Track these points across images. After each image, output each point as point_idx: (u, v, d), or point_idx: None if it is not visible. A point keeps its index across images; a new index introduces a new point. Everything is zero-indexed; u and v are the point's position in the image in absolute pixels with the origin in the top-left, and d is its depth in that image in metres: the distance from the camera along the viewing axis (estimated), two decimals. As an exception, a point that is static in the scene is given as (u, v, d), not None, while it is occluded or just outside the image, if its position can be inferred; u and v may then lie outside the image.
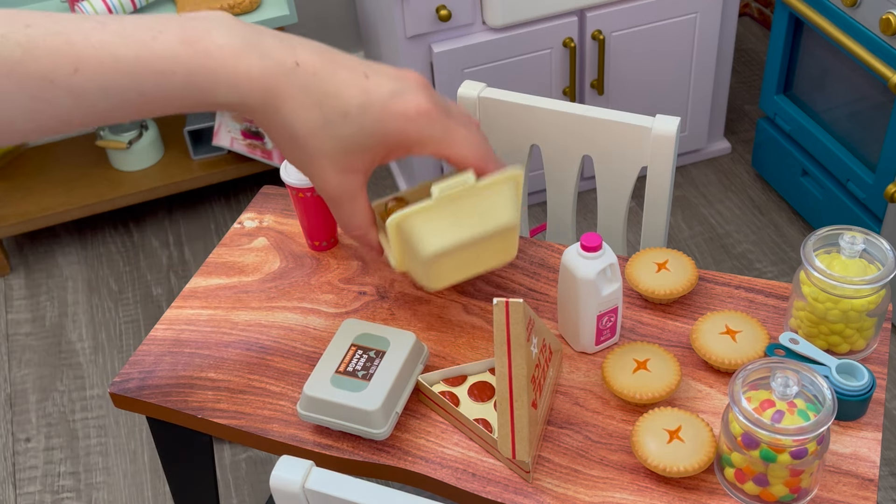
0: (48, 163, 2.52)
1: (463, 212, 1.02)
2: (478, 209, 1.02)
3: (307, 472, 0.92)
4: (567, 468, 1.06)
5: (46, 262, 2.48)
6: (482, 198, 1.02)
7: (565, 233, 1.59)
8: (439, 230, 1.01)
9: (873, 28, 1.91)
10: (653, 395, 1.08)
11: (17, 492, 1.97)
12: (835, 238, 1.10)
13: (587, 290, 1.11)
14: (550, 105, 1.44)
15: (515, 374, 0.98)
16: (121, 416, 2.09)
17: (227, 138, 2.42)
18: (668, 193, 1.42)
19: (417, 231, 1.01)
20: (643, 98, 2.34)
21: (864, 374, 1.07)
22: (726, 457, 1.00)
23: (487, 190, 1.02)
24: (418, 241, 1.01)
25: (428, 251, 1.01)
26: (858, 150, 2.10)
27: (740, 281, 1.26)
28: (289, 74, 0.86)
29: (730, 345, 1.12)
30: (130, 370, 1.22)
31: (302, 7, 2.64)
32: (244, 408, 1.15)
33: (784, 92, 2.32)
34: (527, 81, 2.20)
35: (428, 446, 1.09)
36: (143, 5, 2.17)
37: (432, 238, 1.01)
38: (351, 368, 1.09)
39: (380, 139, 0.92)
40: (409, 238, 1.02)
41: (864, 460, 1.04)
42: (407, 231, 1.01)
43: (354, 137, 0.91)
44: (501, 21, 2.07)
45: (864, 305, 1.08)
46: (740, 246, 2.34)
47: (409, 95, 0.92)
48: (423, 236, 1.01)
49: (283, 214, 1.42)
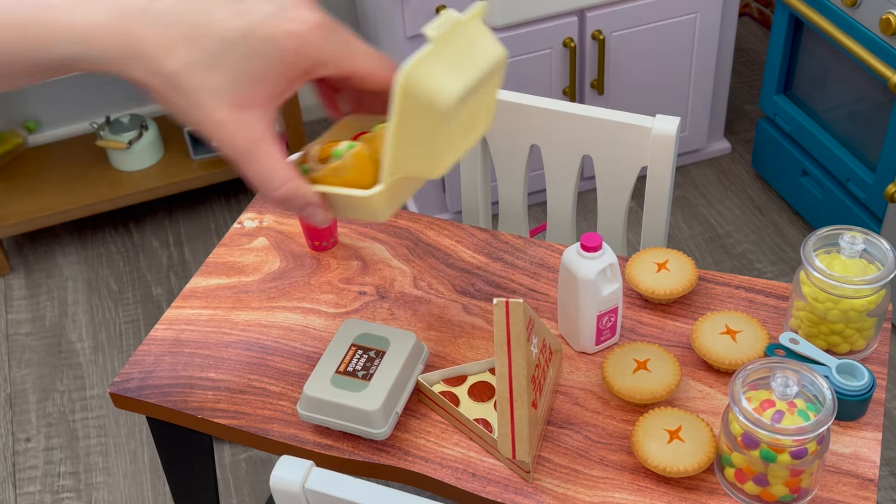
0: (48, 163, 2.52)
1: (458, 52, 0.91)
2: (469, 47, 0.92)
3: (307, 472, 0.92)
4: (567, 468, 1.06)
5: (46, 262, 2.48)
6: (467, 35, 0.92)
7: (565, 233, 1.59)
8: (450, 74, 0.89)
9: (873, 28, 1.91)
10: (653, 395, 1.08)
11: (17, 492, 1.97)
12: (835, 238, 1.10)
13: (587, 290, 1.11)
14: (550, 105, 1.44)
15: (515, 374, 0.98)
16: (121, 416, 2.09)
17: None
18: (668, 193, 1.42)
19: (430, 80, 0.88)
20: (643, 98, 2.34)
21: (864, 374, 1.07)
22: (726, 457, 1.00)
23: (469, 25, 0.92)
24: (436, 92, 0.88)
25: (451, 97, 0.88)
26: (858, 150, 2.11)
27: (740, 281, 1.26)
28: (142, 13, 0.76)
29: (730, 345, 1.12)
30: (130, 370, 1.21)
31: (302, 7, 2.64)
32: (244, 408, 1.15)
33: (784, 92, 2.32)
34: (527, 81, 2.20)
35: (428, 446, 1.09)
36: None
37: (449, 82, 0.88)
38: (351, 368, 1.09)
39: (273, 63, 0.80)
40: (422, 94, 0.88)
41: (864, 460, 1.04)
42: (421, 86, 0.88)
43: (242, 65, 0.78)
44: (501, 21, 2.07)
45: (864, 305, 1.08)
46: (740, 246, 2.34)
47: (294, 11, 0.81)
48: (440, 83, 0.88)
49: (283, 214, 1.42)
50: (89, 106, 2.63)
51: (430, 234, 1.37)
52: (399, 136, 0.91)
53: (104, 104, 2.64)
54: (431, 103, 0.88)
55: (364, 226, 1.39)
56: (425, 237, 1.36)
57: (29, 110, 2.58)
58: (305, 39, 0.81)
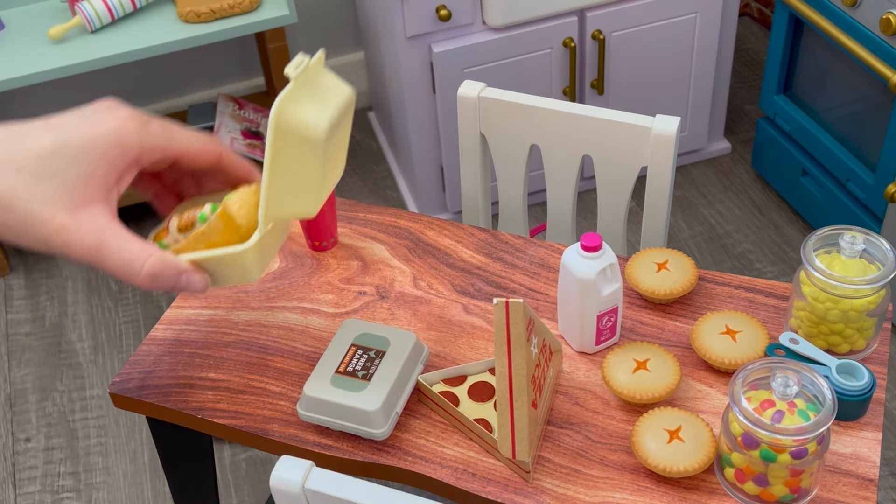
0: (48, 163, 2.52)
1: (317, 91, 0.94)
2: (324, 87, 0.95)
3: (307, 472, 0.91)
4: (567, 468, 1.06)
5: (46, 262, 2.48)
6: (319, 77, 0.95)
7: (565, 233, 1.59)
8: (316, 108, 0.92)
9: (873, 28, 1.91)
10: (653, 395, 1.08)
11: (17, 492, 1.97)
12: (835, 238, 1.10)
13: (587, 290, 1.11)
14: (550, 105, 1.44)
15: (515, 374, 0.98)
16: (121, 416, 2.09)
17: (227, 138, 2.42)
18: (668, 193, 1.42)
19: (301, 114, 0.91)
20: (643, 98, 2.34)
21: (864, 374, 1.07)
22: (726, 457, 1.00)
23: (318, 68, 0.95)
24: (309, 124, 0.91)
25: (322, 127, 0.91)
26: (858, 150, 2.10)
27: (740, 281, 1.26)
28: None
29: (730, 345, 1.12)
30: (130, 370, 1.21)
31: (302, 7, 2.64)
32: (244, 408, 1.15)
33: (784, 92, 2.32)
34: (527, 81, 2.20)
35: (428, 446, 1.09)
36: (142, 5, 2.17)
37: (318, 113, 0.92)
38: (351, 368, 1.09)
39: (97, 162, 0.82)
40: (296, 128, 0.91)
41: (864, 460, 1.04)
42: (292, 119, 0.90)
43: (66, 172, 0.81)
44: (501, 21, 2.07)
45: (864, 305, 1.08)
46: (740, 246, 2.34)
47: (104, 114, 0.84)
48: (310, 116, 0.91)
49: (283, 214, 1.42)
50: (89, 106, 2.63)
51: (430, 234, 1.37)
52: (274, 175, 0.93)
53: (104, 104, 2.64)
54: (306, 135, 0.91)
55: (364, 226, 1.39)
56: (425, 237, 1.36)
57: (29, 110, 2.58)
58: (121, 133, 0.84)
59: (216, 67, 2.69)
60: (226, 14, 2.14)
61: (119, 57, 2.08)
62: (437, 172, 2.34)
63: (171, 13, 2.18)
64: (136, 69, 2.61)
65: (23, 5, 2.27)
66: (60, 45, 2.11)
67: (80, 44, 2.11)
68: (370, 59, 2.61)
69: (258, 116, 2.57)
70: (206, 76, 2.70)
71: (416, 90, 2.16)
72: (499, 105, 1.47)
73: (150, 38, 2.11)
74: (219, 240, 0.96)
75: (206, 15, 2.13)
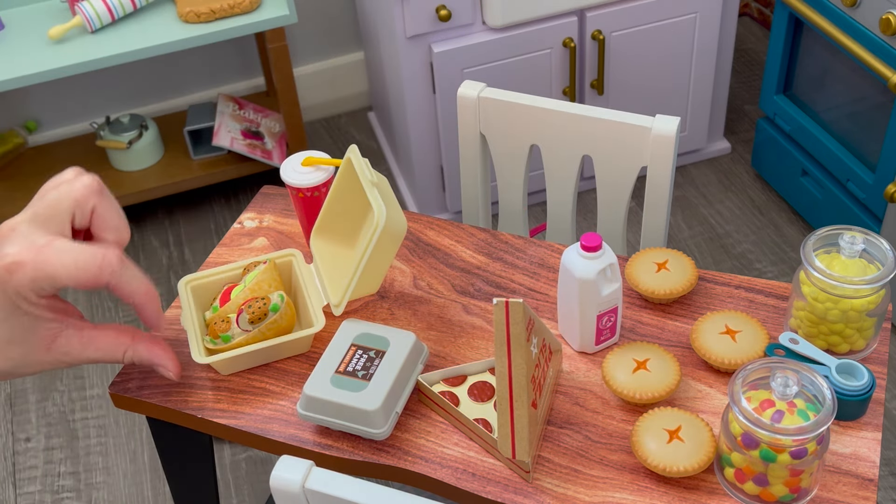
0: (48, 163, 2.52)
1: (378, 188, 1.15)
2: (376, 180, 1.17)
3: (307, 472, 0.91)
4: (567, 468, 1.06)
5: (46, 262, 2.48)
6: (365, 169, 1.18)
7: (565, 233, 1.59)
8: (394, 208, 1.15)
9: (873, 28, 1.91)
10: (653, 395, 1.08)
11: (17, 492, 1.97)
12: (835, 238, 1.10)
13: (587, 290, 1.11)
14: (550, 105, 1.44)
15: (515, 374, 0.98)
16: (121, 416, 2.09)
17: (227, 138, 2.42)
18: (668, 193, 1.43)
19: (396, 216, 1.14)
20: (643, 98, 2.34)
21: (864, 374, 1.07)
22: (726, 457, 1.00)
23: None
24: (401, 223, 1.15)
25: (405, 223, 1.16)
26: (858, 150, 2.10)
27: (740, 281, 1.26)
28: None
29: (730, 345, 1.12)
30: (130, 370, 1.21)
31: (302, 7, 2.64)
32: (244, 408, 1.15)
33: (784, 92, 2.32)
34: (527, 81, 2.20)
35: (428, 446, 1.09)
36: (142, 5, 2.17)
37: (400, 213, 1.15)
38: (351, 368, 1.09)
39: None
40: (394, 229, 1.14)
41: (864, 460, 1.04)
42: (392, 222, 1.13)
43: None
44: (501, 21, 2.07)
45: (863, 305, 1.08)
46: (740, 246, 2.34)
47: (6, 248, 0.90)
48: (399, 216, 1.15)
49: (283, 214, 1.42)
50: (89, 106, 2.63)
51: (430, 234, 1.37)
52: (368, 265, 1.14)
53: (104, 104, 2.64)
54: (399, 233, 1.14)
55: (364, 226, 1.39)
56: (425, 237, 1.36)
57: (29, 110, 2.58)
58: (21, 260, 0.88)
59: (216, 67, 2.69)
60: (226, 14, 2.14)
61: (119, 57, 2.08)
62: (437, 172, 2.34)
63: (171, 13, 2.18)
64: (136, 69, 2.61)
65: (23, 5, 2.27)
66: (60, 45, 2.11)
67: (80, 44, 2.11)
68: (370, 59, 2.61)
69: (258, 116, 2.57)
70: (206, 76, 2.70)
71: (416, 90, 2.16)
72: (499, 105, 1.47)
73: (150, 38, 2.11)
74: (285, 324, 1.17)
75: (206, 15, 2.13)
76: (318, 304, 1.20)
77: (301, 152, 1.30)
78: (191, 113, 2.50)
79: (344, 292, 1.16)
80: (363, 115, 2.86)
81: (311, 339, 1.19)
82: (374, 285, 1.24)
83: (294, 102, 2.33)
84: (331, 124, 2.84)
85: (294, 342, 1.17)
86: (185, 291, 1.22)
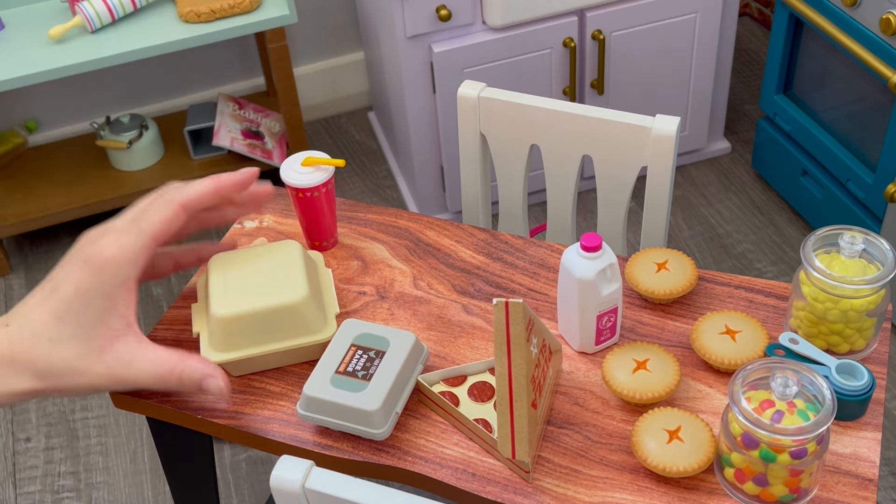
0: (48, 163, 2.52)
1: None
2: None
3: (307, 472, 0.92)
4: (567, 468, 1.06)
5: (46, 262, 2.48)
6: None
7: (565, 233, 1.59)
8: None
9: (873, 28, 1.91)
10: (653, 395, 1.08)
11: (17, 492, 1.97)
12: (835, 238, 1.10)
13: (587, 290, 1.11)
14: (550, 105, 1.44)
15: (515, 374, 0.98)
16: (121, 416, 2.09)
17: (228, 138, 2.42)
18: (668, 193, 1.43)
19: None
20: (643, 98, 2.34)
21: (864, 374, 1.07)
22: (726, 457, 1.00)
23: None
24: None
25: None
26: (858, 150, 2.10)
27: (740, 281, 1.26)
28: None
29: (730, 345, 1.12)
30: (130, 370, 1.21)
31: (302, 7, 2.64)
32: (244, 408, 1.15)
33: (784, 92, 2.32)
34: (527, 81, 2.20)
35: (428, 446, 1.09)
36: (143, 5, 2.17)
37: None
38: (351, 368, 1.09)
39: (102, 299, 0.96)
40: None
41: (864, 460, 1.04)
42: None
43: (81, 321, 0.95)
44: (501, 21, 2.07)
45: (863, 305, 1.08)
46: (740, 246, 2.34)
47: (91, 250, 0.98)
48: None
49: (283, 214, 1.42)
50: (89, 106, 2.63)
51: (430, 234, 1.37)
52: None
53: (104, 104, 2.64)
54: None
55: (364, 226, 1.39)
56: (425, 237, 1.37)
57: (29, 110, 2.58)
58: (113, 267, 0.98)
59: (216, 67, 2.69)
60: (226, 14, 2.14)
61: (119, 57, 2.08)
62: (437, 172, 2.34)
63: (171, 13, 2.18)
64: (136, 69, 2.61)
65: (23, 5, 2.27)
66: (60, 45, 2.11)
67: (80, 44, 2.11)
68: (370, 59, 2.61)
69: (258, 116, 2.57)
70: (206, 76, 2.70)
71: (416, 90, 2.16)
72: (499, 105, 1.47)
73: (150, 38, 2.11)
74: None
75: (206, 15, 2.13)
76: (331, 308, 1.18)
77: (301, 152, 1.30)
78: (191, 113, 2.50)
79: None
80: (363, 115, 2.86)
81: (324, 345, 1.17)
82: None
83: (294, 102, 2.33)
84: (331, 124, 2.84)
85: (310, 347, 1.16)
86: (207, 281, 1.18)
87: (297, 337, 1.15)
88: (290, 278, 1.14)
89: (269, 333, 1.13)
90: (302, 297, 1.12)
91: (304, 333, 1.15)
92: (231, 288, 1.13)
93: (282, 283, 1.13)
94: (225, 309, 1.11)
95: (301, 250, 1.18)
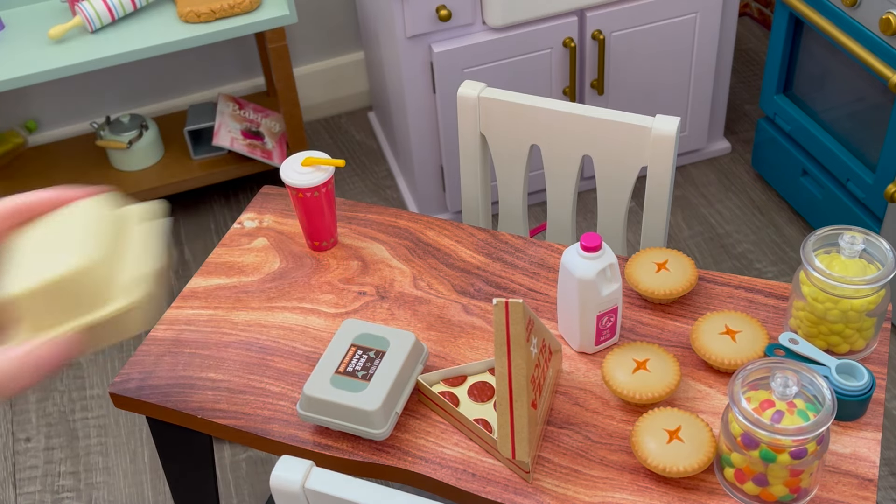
0: (48, 163, 2.52)
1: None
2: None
3: (307, 472, 0.92)
4: (567, 468, 1.06)
5: (46, 262, 2.48)
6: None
7: (565, 233, 1.59)
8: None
9: (873, 28, 1.91)
10: (653, 395, 1.08)
11: (17, 492, 1.97)
12: (835, 238, 1.10)
13: (587, 290, 1.11)
14: (550, 105, 1.44)
15: (515, 374, 0.98)
16: (121, 416, 2.09)
17: (228, 138, 2.42)
18: (668, 193, 1.43)
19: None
20: (643, 98, 2.34)
21: (864, 374, 1.07)
22: (726, 457, 1.00)
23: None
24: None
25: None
26: (858, 150, 2.10)
27: (740, 281, 1.26)
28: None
29: (730, 345, 1.12)
30: (130, 370, 1.22)
31: (302, 7, 2.64)
32: (244, 408, 1.15)
33: (784, 92, 2.32)
34: (527, 81, 2.20)
35: (428, 446, 1.09)
36: (143, 5, 2.17)
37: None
38: (351, 368, 1.09)
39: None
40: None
41: (864, 460, 1.04)
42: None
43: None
44: (501, 21, 2.07)
45: (863, 305, 1.08)
46: (740, 246, 2.34)
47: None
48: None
49: (283, 214, 1.42)
50: (89, 106, 2.63)
51: (430, 234, 1.37)
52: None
53: (104, 104, 2.64)
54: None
55: (364, 226, 1.39)
56: (425, 237, 1.37)
57: (29, 110, 2.58)
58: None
59: (216, 67, 2.69)
60: (226, 14, 2.14)
61: (119, 57, 2.08)
62: (437, 172, 2.34)
63: (171, 13, 2.18)
64: (136, 69, 2.60)
65: (23, 5, 2.27)
66: (60, 45, 2.11)
67: (80, 44, 2.11)
68: (370, 59, 2.61)
69: (258, 116, 2.57)
70: (206, 76, 2.69)
71: (416, 90, 2.16)
72: (499, 105, 1.47)
73: (150, 38, 2.11)
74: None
75: (206, 15, 2.13)
76: (130, 273, 0.89)
77: (301, 152, 1.30)
78: (191, 113, 2.50)
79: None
80: (363, 115, 2.86)
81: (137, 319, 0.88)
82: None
83: (294, 102, 2.33)
84: (331, 124, 2.84)
85: (108, 324, 0.86)
86: None
87: (83, 315, 0.86)
88: (64, 248, 0.88)
89: (60, 314, 0.86)
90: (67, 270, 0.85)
91: (90, 310, 0.86)
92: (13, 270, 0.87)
93: (53, 255, 0.87)
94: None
95: (85, 210, 0.94)
